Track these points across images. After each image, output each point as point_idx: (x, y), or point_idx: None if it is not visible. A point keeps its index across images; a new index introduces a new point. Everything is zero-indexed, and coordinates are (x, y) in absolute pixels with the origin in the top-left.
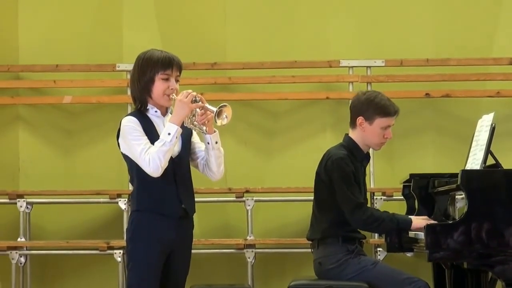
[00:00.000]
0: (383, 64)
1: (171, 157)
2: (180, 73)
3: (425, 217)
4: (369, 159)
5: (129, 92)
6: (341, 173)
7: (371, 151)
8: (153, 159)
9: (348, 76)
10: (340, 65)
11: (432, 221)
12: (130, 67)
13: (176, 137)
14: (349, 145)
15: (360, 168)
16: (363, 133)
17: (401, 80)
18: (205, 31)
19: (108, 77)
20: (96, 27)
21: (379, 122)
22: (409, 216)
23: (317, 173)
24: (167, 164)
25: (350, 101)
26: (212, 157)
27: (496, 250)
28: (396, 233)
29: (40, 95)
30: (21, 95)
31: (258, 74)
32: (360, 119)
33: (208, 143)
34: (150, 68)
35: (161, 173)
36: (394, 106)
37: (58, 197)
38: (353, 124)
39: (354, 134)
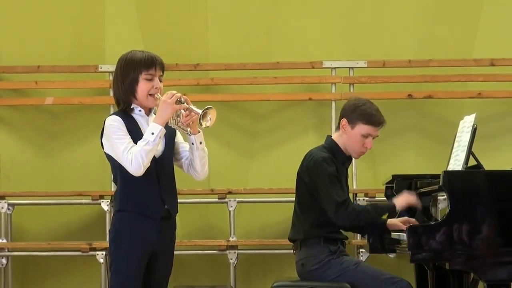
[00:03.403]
0: (366, 65)
1: (154, 157)
2: (163, 72)
3: (405, 192)
4: (351, 160)
5: (111, 93)
6: (322, 173)
7: None
8: (136, 158)
9: (330, 77)
10: (323, 66)
11: (412, 193)
12: (112, 68)
13: (160, 137)
14: (331, 147)
15: (342, 170)
16: (345, 137)
17: (384, 81)
18: (187, 32)
19: (90, 78)
20: (78, 28)
21: (360, 128)
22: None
23: (298, 174)
24: (149, 164)
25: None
26: (197, 157)
27: (477, 251)
28: (378, 234)
29: (21, 96)
30: (2, 96)
31: (241, 75)
32: (343, 121)
33: (193, 143)
34: (133, 68)
35: (143, 172)
36: (380, 118)
37: (40, 198)
38: (338, 125)
39: (337, 137)
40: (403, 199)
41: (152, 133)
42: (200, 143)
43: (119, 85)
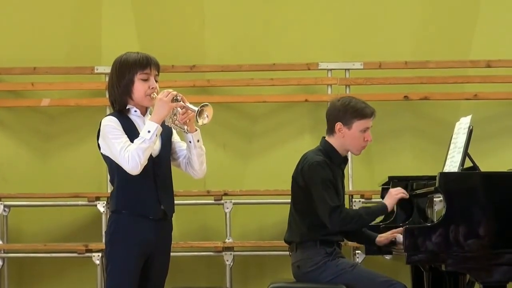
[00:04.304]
0: (362, 67)
1: (151, 156)
2: (158, 72)
3: (396, 189)
4: (347, 162)
5: (107, 95)
6: (317, 177)
7: (349, 153)
8: (132, 156)
9: (326, 79)
10: (319, 67)
11: (402, 191)
12: (108, 69)
13: (156, 135)
14: (326, 149)
15: (338, 172)
16: (343, 139)
17: (380, 82)
18: (183, 33)
19: (86, 79)
20: (74, 30)
21: (358, 125)
22: (382, 201)
23: (293, 178)
24: (146, 162)
25: (326, 110)
26: (195, 155)
27: (473, 252)
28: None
29: (18, 97)
30: None
31: (237, 76)
32: (338, 125)
33: (190, 142)
34: (129, 69)
35: (140, 170)
36: (370, 108)
37: (36, 200)
38: (331, 131)
39: (332, 139)
40: (392, 197)
41: (149, 131)
42: (198, 141)
43: (114, 87)
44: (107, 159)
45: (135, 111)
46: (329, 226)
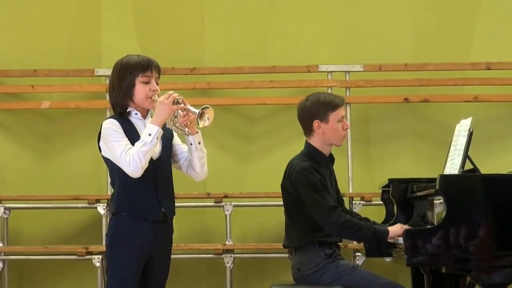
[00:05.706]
0: (362, 69)
1: (152, 159)
2: (159, 74)
3: (399, 224)
4: (334, 160)
5: (107, 97)
6: (307, 182)
7: (349, 156)
8: (133, 159)
9: (326, 81)
10: (319, 70)
11: (407, 227)
12: (108, 72)
13: (157, 138)
14: (310, 153)
15: (326, 173)
16: (323, 135)
17: (380, 85)
18: (183, 36)
19: (86, 82)
20: (74, 32)
21: (333, 116)
22: (387, 227)
23: (282, 186)
24: (147, 165)
25: (297, 113)
26: (196, 157)
27: (474, 255)
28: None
29: (18, 100)
30: None
31: (237, 79)
32: (316, 123)
33: (191, 144)
34: (130, 72)
35: (141, 173)
36: (339, 97)
37: (36, 202)
38: (309, 131)
39: (312, 140)
40: (397, 229)
41: (149, 134)
42: (199, 143)
43: (115, 90)
44: (108, 161)
45: (136, 113)
46: (326, 227)
